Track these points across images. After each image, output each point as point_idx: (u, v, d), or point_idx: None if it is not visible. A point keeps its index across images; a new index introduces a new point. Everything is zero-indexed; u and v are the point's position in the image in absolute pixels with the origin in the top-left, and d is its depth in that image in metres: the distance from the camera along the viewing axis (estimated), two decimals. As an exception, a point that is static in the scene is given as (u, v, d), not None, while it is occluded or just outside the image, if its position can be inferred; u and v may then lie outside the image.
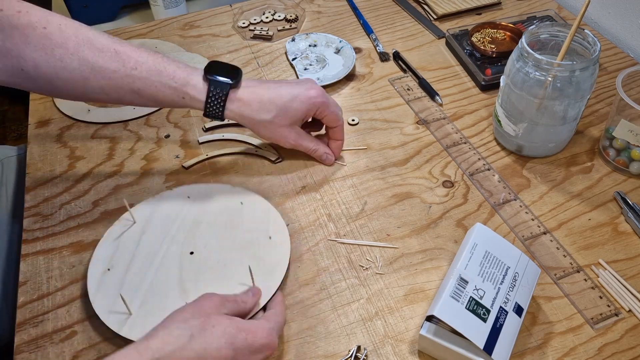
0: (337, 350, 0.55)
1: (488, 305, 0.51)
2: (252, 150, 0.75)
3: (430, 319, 0.52)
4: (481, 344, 0.49)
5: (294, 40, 0.93)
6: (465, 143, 0.75)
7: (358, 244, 0.64)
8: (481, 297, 0.52)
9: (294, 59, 0.89)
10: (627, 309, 0.57)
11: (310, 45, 0.92)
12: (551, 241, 0.63)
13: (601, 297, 0.58)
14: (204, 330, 0.47)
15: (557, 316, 0.57)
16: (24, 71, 0.58)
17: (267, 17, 1.00)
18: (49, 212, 0.68)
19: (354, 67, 0.88)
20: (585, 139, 0.76)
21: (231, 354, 0.47)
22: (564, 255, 0.62)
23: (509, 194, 0.69)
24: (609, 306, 0.57)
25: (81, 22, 1.22)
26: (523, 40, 0.65)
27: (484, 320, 0.50)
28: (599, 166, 0.72)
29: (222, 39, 0.95)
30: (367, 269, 0.61)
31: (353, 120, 0.79)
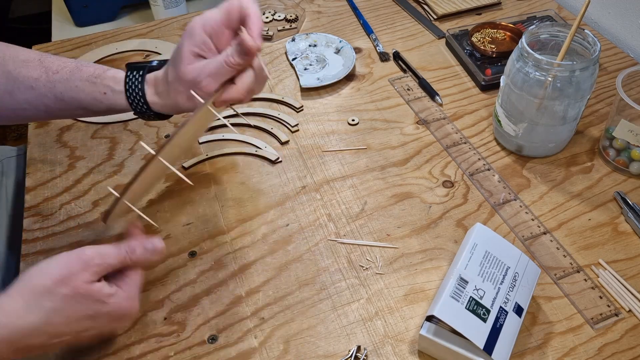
0: (337, 350, 0.55)
1: (488, 305, 0.51)
2: (252, 150, 0.75)
3: (430, 319, 0.52)
4: (481, 344, 0.49)
5: (294, 40, 0.93)
6: (465, 143, 0.75)
7: (358, 244, 0.64)
8: (481, 297, 0.52)
9: (294, 59, 0.89)
10: (627, 309, 0.57)
11: (310, 45, 0.92)
12: (551, 241, 0.64)
13: (601, 297, 0.58)
14: (67, 301, 0.45)
15: (557, 316, 0.57)
16: None
17: (267, 17, 1.00)
18: (49, 212, 0.68)
19: (354, 67, 0.88)
20: (585, 139, 0.76)
21: (90, 324, 0.47)
22: (564, 255, 0.62)
23: (509, 194, 0.69)
24: (609, 306, 0.57)
25: (81, 22, 1.21)
26: (523, 40, 0.66)
27: (484, 320, 0.50)
28: (599, 166, 0.72)
29: (222, 39, 0.95)
30: (367, 269, 0.61)
31: (353, 120, 0.79)
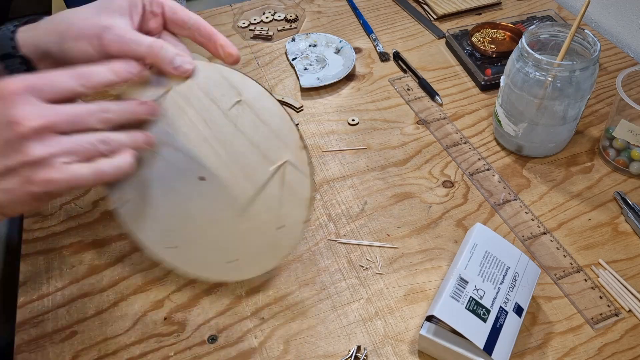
0: (337, 350, 0.55)
1: (488, 305, 0.51)
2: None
3: (430, 319, 0.52)
4: (481, 344, 0.49)
5: (294, 40, 0.93)
6: (465, 143, 0.75)
7: (358, 244, 0.64)
8: (481, 297, 0.52)
9: (294, 59, 0.89)
10: (627, 309, 0.57)
11: (310, 45, 0.92)
12: (551, 241, 0.64)
13: (601, 297, 0.58)
14: None
15: (557, 316, 0.57)
16: None
17: (267, 17, 1.00)
18: (49, 212, 0.68)
19: (354, 67, 0.88)
20: (585, 139, 0.76)
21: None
22: (564, 255, 0.62)
23: (509, 194, 0.69)
24: (609, 306, 0.57)
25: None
26: (523, 40, 0.66)
27: (484, 320, 0.50)
28: (599, 166, 0.72)
29: (222, 39, 0.95)
30: (367, 269, 0.61)
31: (353, 120, 0.79)
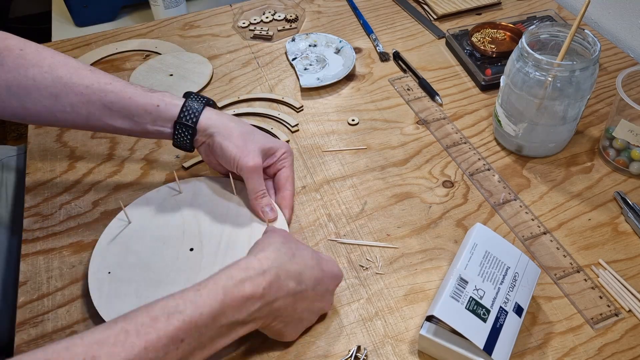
0: (337, 350, 0.55)
1: (488, 305, 0.51)
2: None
3: (430, 319, 0.52)
4: (481, 344, 0.49)
5: (294, 40, 0.93)
6: (465, 143, 0.75)
7: (358, 244, 0.64)
8: (481, 297, 0.52)
9: (294, 59, 0.89)
10: (627, 309, 0.57)
11: (310, 45, 0.92)
12: (551, 241, 0.63)
13: (601, 297, 0.58)
14: (298, 250, 0.52)
15: (557, 316, 0.57)
16: None
17: (267, 17, 1.00)
18: (49, 212, 0.68)
19: (354, 67, 0.88)
20: (585, 139, 0.76)
21: (320, 275, 0.53)
22: (564, 255, 0.62)
23: (509, 194, 0.69)
24: (609, 306, 0.57)
25: (81, 22, 1.21)
26: (523, 40, 0.65)
27: (484, 320, 0.50)
28: (599, 166, 0.72)
29: (222, 39, 0.95)
30: (367, 269, 0.61)
31: (353, 120, 0.79)
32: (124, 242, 0.61)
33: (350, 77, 0.87)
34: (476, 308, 0.51)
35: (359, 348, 0.54)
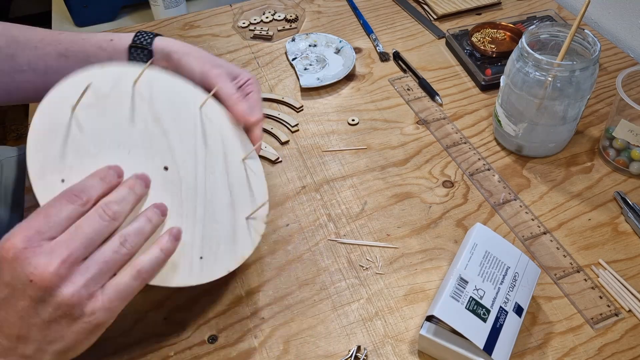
0: (337, 350, 0.55)
1: (488, 305, 0.51)
2: (252, 150, 0.75)
3: (430, 319, 0.52)
4: (481, 344, 0.49)
5: (294, 40, 0.93)
6: (465, 143, 0.75)
7: (358, 244, 0.64)
8: (481, 297, 0.52)
9: (294, 59, 0.89)
10: (627, 309, 0.57)
11: (310, 45, 0.92)
12: (551, 241, 0.64)
13: (601, 297, 0.58)
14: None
15: (557, 316, 0.57)
16: None
17: (267, 17, 1.00)
18: (49, 212, 0.68)
19: (354, 67, 0.88)
20: (585, 139, 0.76)
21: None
22: (564, 255, 0.62)
23: (509, 194, 0.69)
24: (609, 306, 0.57)
25: (81, 22, 1.21)
26: (523, 40, 0.66)
27: (484, 320, 0.50)
28: (599, 166, 0.72)
29: (222, 39, 0.95)
30: (367, 269, 0.61)
31: (353, 120, 0.79)
32: (73, 141, 0.46)
33: (350, 77, 0.87)
34: (476, 308, 0.51)
35: (359, 348, 0.54)
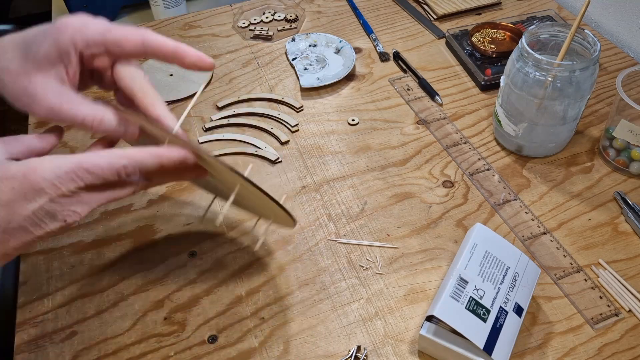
0: (337, 350, 0.55)
1: (488, 305, 0.51)
2: (252, 150, 0.75)
3: (430, 319, 0.52)
4: (481, 344, 0.49)
5: (294, 40, 0.93)
6: (465, 143, 0.75)
7: (358, 244, 0.64)
8: (481, 297, 0.52)
9: (294, 59, 0.89)
10: (627, 309, 0.57)
11: (310, 45, 0.92)
12: (551, 241, 0.64)
13: (601, 297, 0.58)
14: None
15: (557, 316, 0.57)
16: None
17: (267, 17, 1.00)
18: (49, 212, 0.68)
19: (354, 67, 0.88)
20: (585, 139, 0.76)
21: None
22: (564, 255, 0.62)
23: (509, 194, 0.69)
24: (609, 306, 0.57)
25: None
26: (523, 40, 0.66)
27: (484, 320, 0.50)
28: (599, 166, 0.72)
29: (222, 39, 0.95)
30: (367, 269, 0.61)
31: (353, 120, 0.79)
32: None
33: (350, 77, 0.87)
34: (476, 308, 0.51)
35: (359, 348, 0.54)
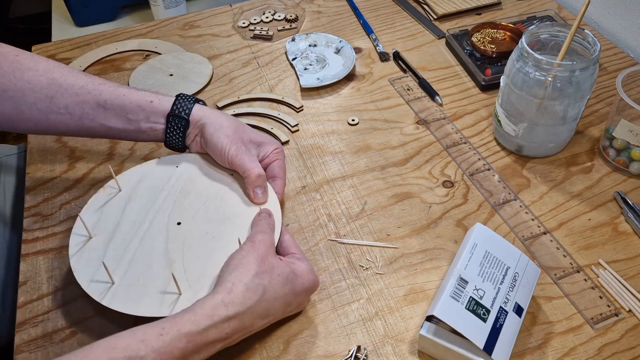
0: (337, 350, 0.55)
1: (488, 305, 0.51)
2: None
3: (430, 319, 0.52)
4: (481, 344, 0.49)
5: (294, 40, 0.93)
6: (465, 143, 0.75)
7: (358, 244, 0.64)
8: (481, 297, 0.52)
9: (294, 59, 0.89)
10: (627, 309, 0.57)
11: (310, 45, 0.92)
12: (551, 241, 0.63)
13: (601, 297, 0.58)
14: (271, 281, 0.51)
15: (557, 316, 0.57)
16: None
17: (267, 17, 1.00)
18: (49, 212, 0.68)
19: (354, 67, 0.88)
20: (585, 139, 0.76)
21: (291, 299, 0.53)
22: (564, 255, 0.62)
23: (509, 194, 0.69)
24: (609, 306, 0.57)
25: (81, 22, 1.21)
26: (523, 40, 0.66)
27: (484, 320, 0.50)
28: (599, 166, 0.72)
29: (222, 39, 0.95)
30: (367, 269, 0.61)
31: (353, 120, 0.79)
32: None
33: (350, 77, 0.87)
34: (476, 308, 0.51)
35: (359, 348, 0.54)
